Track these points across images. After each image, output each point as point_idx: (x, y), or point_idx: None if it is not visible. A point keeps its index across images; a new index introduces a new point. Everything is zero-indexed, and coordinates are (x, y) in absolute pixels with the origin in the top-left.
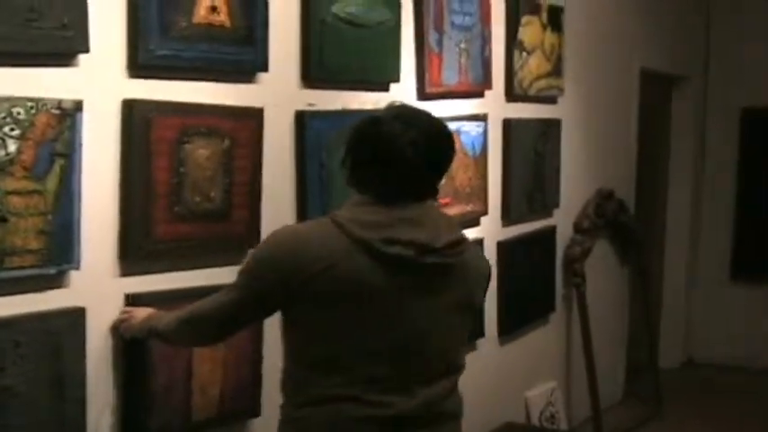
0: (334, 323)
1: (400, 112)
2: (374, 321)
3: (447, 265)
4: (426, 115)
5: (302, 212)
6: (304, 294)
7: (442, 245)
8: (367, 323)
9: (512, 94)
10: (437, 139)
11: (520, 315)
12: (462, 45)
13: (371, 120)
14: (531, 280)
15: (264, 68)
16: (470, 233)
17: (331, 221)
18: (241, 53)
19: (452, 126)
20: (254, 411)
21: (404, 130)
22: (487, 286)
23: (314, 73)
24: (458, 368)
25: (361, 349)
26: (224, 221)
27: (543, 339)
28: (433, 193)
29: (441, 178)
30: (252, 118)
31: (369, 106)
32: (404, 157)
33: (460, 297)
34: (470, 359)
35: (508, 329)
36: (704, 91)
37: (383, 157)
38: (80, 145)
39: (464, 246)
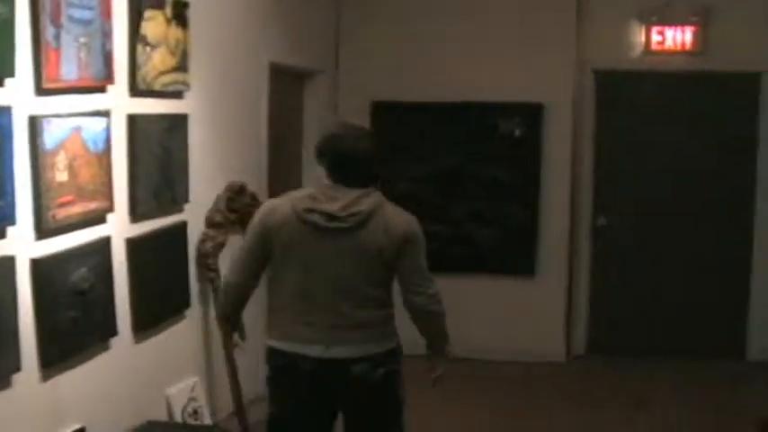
0: (282, 263)
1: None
2: (301, 263)
3: (346, 228)
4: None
5: None
6: (271, 244)
7: (343, 214)
8: (298, 264)
9: (136, 90)
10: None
11: (154, 312)
12: (82, 39)
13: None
14: (163, 276)
15: None
16: (97, 231)
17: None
18: None
19: (73, 122)
20: None
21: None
22: (408, 241)
23: None
24: (367, 296)
25: (294, 279)
26: None
27: (181, 335)
28: (371, 180)
29: (366, 171)
30: None
31: None
32: (345, 156)
33: (365, 248)
34: (105, 358)
35: (143, 327)
36: (335, 85)
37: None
38: None
39: (363, 215)
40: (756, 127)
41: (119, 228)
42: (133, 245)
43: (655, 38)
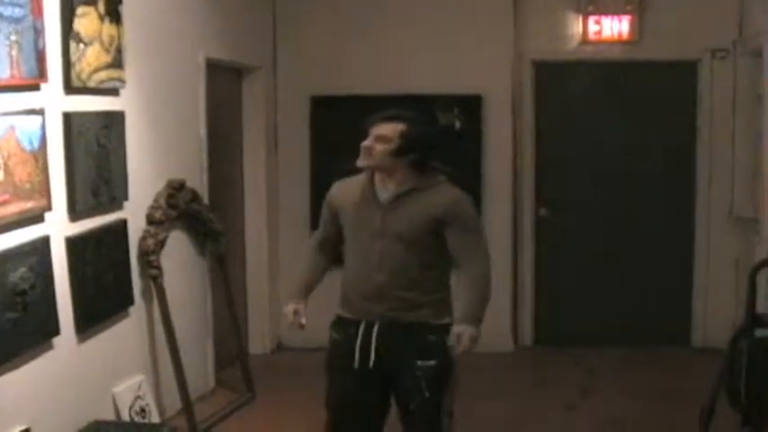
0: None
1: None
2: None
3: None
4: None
5: None
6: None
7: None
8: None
9: (70, 87)
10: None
11: (97, 310)
12: (13, 37)
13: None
14: (105, 274)
15: None
16: (35, 230)
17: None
18: None
19: (7, 121)
20: None
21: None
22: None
23: None
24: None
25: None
26: None
27: (125, 333)
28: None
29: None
30: None
31: None
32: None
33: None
34: (49, 359)
35: (86, 326)
36: (274, 81)
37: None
38: None
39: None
40: (694, 114)
41: (57, 227)
42: (73, 244)
43: (592, 27)
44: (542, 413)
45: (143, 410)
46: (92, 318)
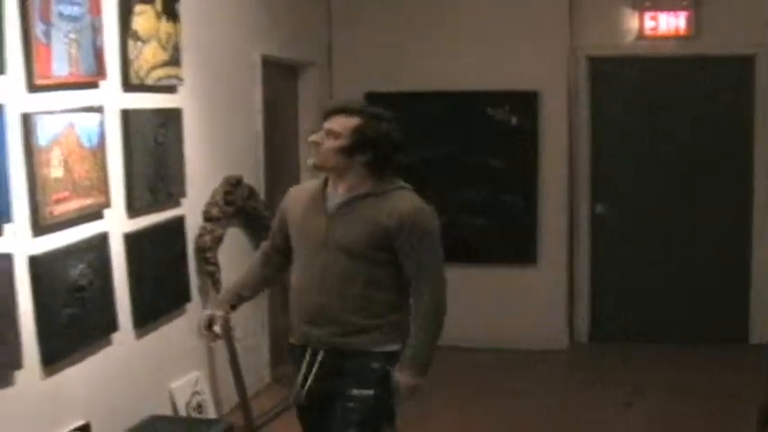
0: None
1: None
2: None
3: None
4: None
5: None
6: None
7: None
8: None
9: (128, 84)
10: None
11: (154, 306)
12: (72, 36)
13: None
14: (163, 270)
15: None
16: (94, 227)
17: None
18: None
19: (67, 118)
20: None
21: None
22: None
23: None
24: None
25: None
26: None
27: (182, 329)
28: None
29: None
30: None
31: None
32: None
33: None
34: (107, 354)
35: (143, 322)
36: (329, 77)
37: None
38: None
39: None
40: (752, 109)
41: (116, 223)
42: (131, 240)
43: (648, 23)
44: (595, 411)
45: (200, 406)
46: (149, 314)
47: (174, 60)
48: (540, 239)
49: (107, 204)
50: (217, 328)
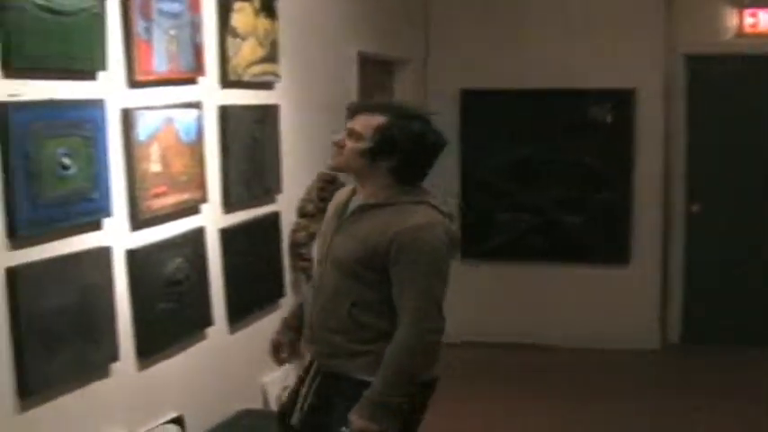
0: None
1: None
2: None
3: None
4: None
5: (9, 207)
6: None
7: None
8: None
9: (226, 81)
10: None
11: (248, 301)
12: (172, 32)
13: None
14: (257, 266)
15: None
16: (191, 221)
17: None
18: None
19: (166, 114)
20: None
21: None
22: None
23: (15, 62)
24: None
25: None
26: None
27: (275, 324)
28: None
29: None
30: None
31: (78, 96)
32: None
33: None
34: (201, 348)
35: (238, 316)
36: (424, 74)
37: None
38: None
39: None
40: None
41: (212, 218)
42: (227, 235)
43: (747, 20)
44: (686, 413)
45: None
46: (244, 309)
47: (272, 57)
48: (634, 238)
49: (204, 199)
50: (284, 355)
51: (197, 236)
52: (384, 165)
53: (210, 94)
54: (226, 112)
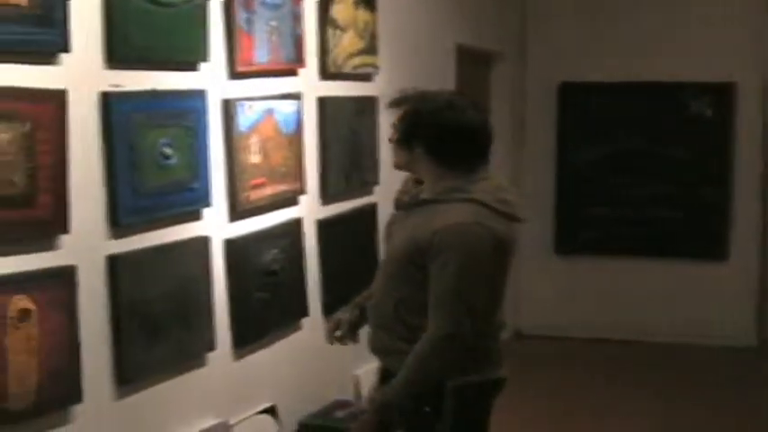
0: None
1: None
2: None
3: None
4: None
5: (112, 195)
6: None
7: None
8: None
9: (326, 72)
10: None
11: (344, 293)
12: (273, 23)
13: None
14: (353, 258)
15: (66, 49)
16: (288, 212)
17: None
18: (40, 34)
19: (266, 105)
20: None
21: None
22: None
23: (119, 53)
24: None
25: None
26: (28, 207)
27: None
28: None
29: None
30: (53, 100)
31: (180, 86)
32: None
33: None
34: (295, 339)
35: (333, 308)
36: (522, 67)
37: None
38: None
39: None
40: None
41: (310, 209)
42: (324, 226)
43: None
44: None
45: None
46: (339, 300)
47: (371, 49)
48: (732, 234)
49: (302, 191)
50: (338, 334)
51: (294, 227)
52: (419, 152)
53: (310, 85)
54: (325, 104)
